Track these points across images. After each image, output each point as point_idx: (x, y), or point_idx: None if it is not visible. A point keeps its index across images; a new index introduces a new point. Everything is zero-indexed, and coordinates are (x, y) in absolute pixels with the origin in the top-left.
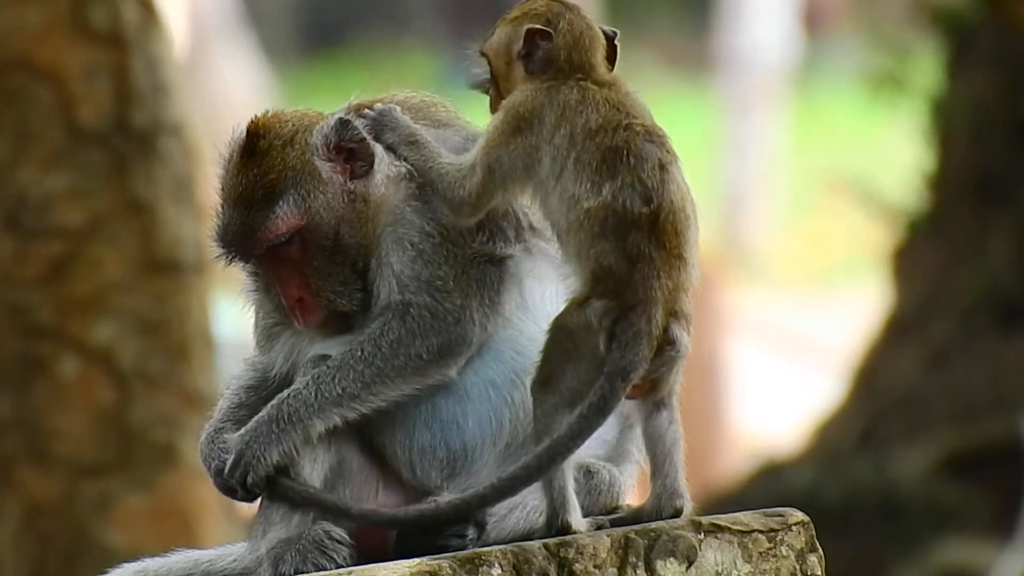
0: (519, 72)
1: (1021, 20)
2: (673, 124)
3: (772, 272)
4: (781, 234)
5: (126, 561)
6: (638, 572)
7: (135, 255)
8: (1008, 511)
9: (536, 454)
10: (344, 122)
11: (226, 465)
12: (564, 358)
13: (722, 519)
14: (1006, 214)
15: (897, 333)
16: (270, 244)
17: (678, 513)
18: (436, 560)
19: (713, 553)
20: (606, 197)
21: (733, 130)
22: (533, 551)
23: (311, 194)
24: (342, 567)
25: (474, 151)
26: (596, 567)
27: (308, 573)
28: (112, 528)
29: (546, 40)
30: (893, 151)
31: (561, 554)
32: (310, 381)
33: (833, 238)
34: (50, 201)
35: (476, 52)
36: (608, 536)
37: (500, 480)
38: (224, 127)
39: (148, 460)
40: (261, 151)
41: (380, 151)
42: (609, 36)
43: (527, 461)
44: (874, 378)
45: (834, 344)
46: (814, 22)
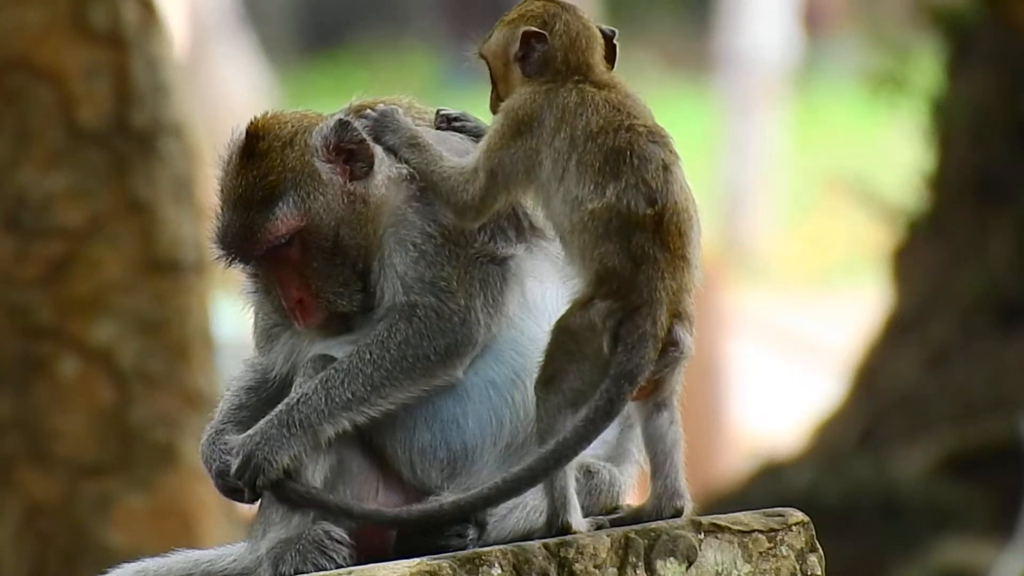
0: (517, 74)
1: (1021, 20)
2: (673, 124)
3: (772, 272)
4: (781, 234)
5: (126, 561)
6: (638, 572)
7: (135, 255)
8: (1008, 511)
9: (541, 456)
10: (344, 123)
11: (232, 467)
12: (567, 359)
13: (722, 519)
14: (1006, 214)
15: (897, 333)
16: (270, 245)
17: (678, 513)
18: (436, 560)
19: (713, 553)
20: (610, 198)
21: (733, 130)
22: (533, 551)
23: (311, 195)
24: (342, 567)
25: (475, 154)
26: (596, 567)
27: (308, 573)
28: (112, 528)
29: (542, 42)
30: (893, 151)
31: (561, 554)
32: (319, 386)
33: (833, 238)
34: (50, 201)
35: (475, 54)
36: (608, 536)
37: (504, 481)
38: (224, 127)
39: (148, 460)
40: (261, 152)
41: (380, 152)
42: (608, 36)
43: (532, 463)
44: (874, 378)
45: (834, 344)
46: (814, 22)
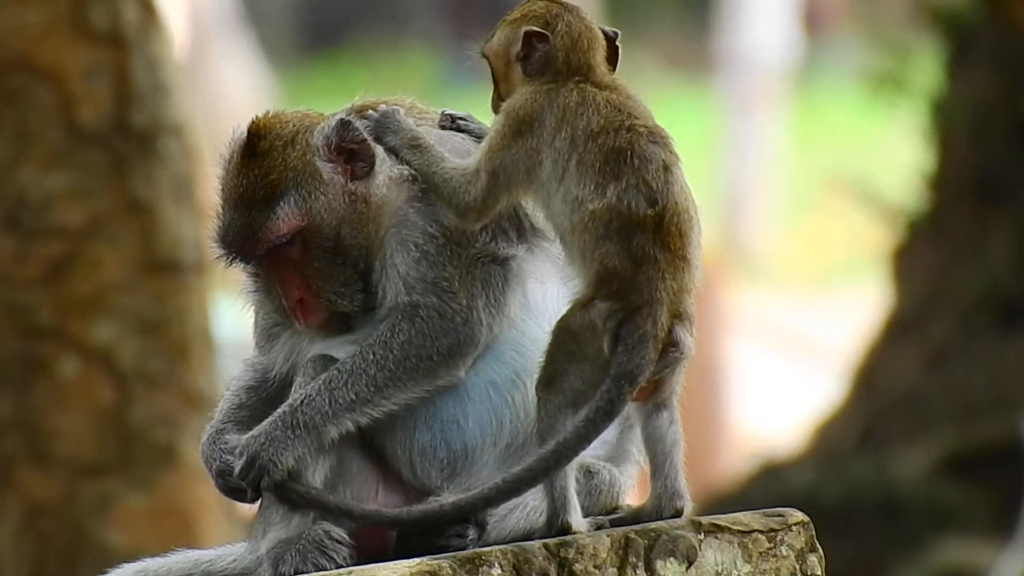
0: (518, 74)
1: (1021, 20)
2: (673, 124)
3: (772, 272)
4: (781, 234)
5: (126, 561)
6: (638, 572)
7: (135, 255)
8: (1008, 511)
9: (542, 456)
10: (345, 123)
11: (236, 467)
12: (568, 359)
13: (722, 519)
14: (1006, 214)
15: (897, 333)
16: (271, 245)
17: (678, 513)
18: (436, 560)
19: (713, 553)
20: (611, 199)
21: (733, 130)
22: (533, 551)
23: (312, 195)
24: (342, 567)
25: (477, 155)
26: (596, 567)
27: (308, 573)
28: (112, 528)
29: (544, 42)
30: (893, 151)
31: (561, 554)
32: (322, 387)
33: (833, 238)
34: (50, 201)
35: (477, 54)
36: (608, 536)
37: (504, 481)
38: (224, 127)
39: (148, 460)
40: (262, 152)
41: (381, 152)
42: (610, 37)
43: (532, 463)
44: (874, 378)
45: (834, 344)
46: (814, 22)
